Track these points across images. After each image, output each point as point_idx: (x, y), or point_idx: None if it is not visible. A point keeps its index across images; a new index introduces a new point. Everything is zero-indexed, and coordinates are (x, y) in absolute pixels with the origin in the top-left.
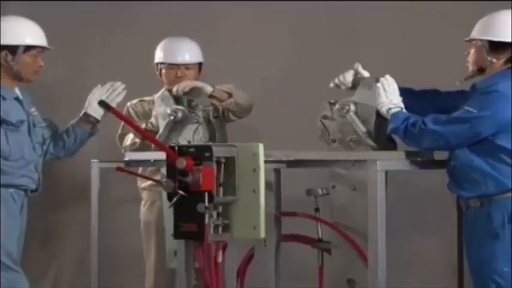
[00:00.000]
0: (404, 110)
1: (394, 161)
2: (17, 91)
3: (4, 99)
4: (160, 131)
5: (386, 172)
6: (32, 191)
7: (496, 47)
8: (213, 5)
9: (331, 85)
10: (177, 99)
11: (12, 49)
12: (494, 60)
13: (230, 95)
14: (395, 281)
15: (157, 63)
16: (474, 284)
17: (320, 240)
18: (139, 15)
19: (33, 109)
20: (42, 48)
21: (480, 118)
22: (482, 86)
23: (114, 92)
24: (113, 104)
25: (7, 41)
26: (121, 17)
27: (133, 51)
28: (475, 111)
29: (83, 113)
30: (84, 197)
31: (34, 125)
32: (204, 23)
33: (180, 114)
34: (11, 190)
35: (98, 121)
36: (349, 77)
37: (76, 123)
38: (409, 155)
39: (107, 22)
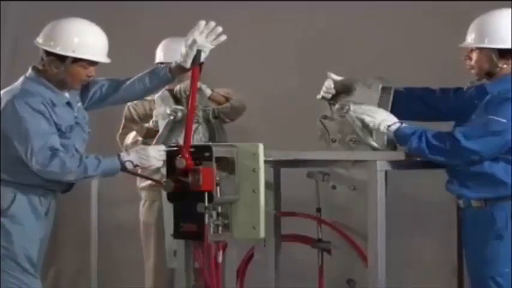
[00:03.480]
0: (404, 124)
1: (394, 161)
2: (66, 94)
3: (54, 105)
4: (160, 131)
5: (386, 172)
6: (63, 191)
7: (505, 52)
8: (213, 5)
9: (319, 97)
10: (177, 99)
11: (61, 57)
12: (505, 65)
13: (227, 99)
14: (395, 281)
15: (157, 63)
16: (472, 283)
17: (320, 240)
18: (139, 15)
19: (79, 104)
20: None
21: (510, 127)
22: (498, 91)
23: (211, 33)
24: (205, 54)
25: (57, 48)
26: (121, 17)
27: (134, 51)
28: (505, 120)
29: (176, 64)
30: (84, 197)
31: (78, 124)
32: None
33: (180, 114)
34: (39, 191)
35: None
36: (330, 83)
37: (159, 71)
38: (409, 155)
39: (107, 22)
